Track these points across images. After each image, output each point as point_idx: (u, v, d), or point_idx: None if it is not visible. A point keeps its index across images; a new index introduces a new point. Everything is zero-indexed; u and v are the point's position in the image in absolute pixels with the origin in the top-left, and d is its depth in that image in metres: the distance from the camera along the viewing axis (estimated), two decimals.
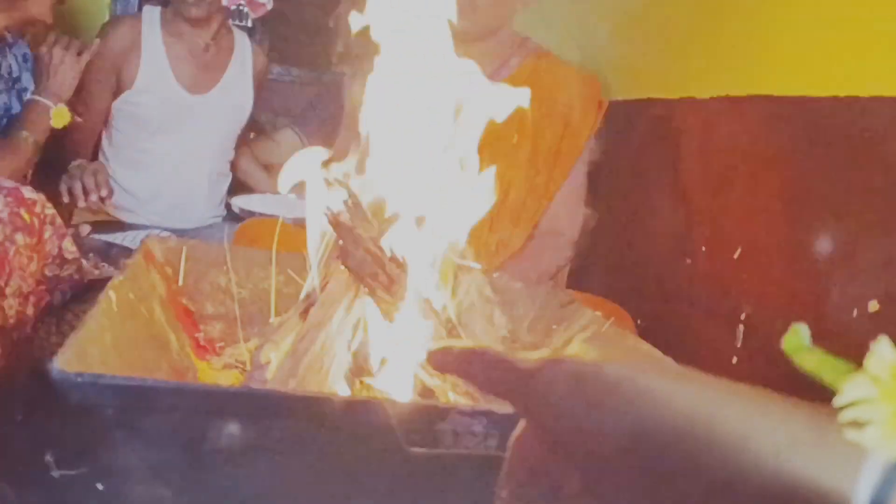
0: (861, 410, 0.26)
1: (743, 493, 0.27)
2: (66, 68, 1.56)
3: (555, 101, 1.50)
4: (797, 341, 0.30)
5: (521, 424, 0.37)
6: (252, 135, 2.33)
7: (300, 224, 0.91)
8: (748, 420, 0.28)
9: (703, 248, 1.37)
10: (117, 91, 1.93)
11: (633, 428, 0.30)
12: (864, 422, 0.25)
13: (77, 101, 1.82)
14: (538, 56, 1.55)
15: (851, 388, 0.26)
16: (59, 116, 1.53)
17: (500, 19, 1.49)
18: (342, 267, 0.82)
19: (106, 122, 1.97)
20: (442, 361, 0.40)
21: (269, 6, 2.05)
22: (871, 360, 0.26)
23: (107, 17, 2.71)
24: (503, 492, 0.38)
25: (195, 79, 1.98)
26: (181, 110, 1.97)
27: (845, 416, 0.26)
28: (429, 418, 0.64)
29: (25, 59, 1.57)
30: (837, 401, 0.26)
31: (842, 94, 1.08)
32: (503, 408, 0.73)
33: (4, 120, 1.56)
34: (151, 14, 1.95)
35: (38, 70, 1.57)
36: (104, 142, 2.00)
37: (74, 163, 1.64)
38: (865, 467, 0.25)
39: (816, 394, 0.29)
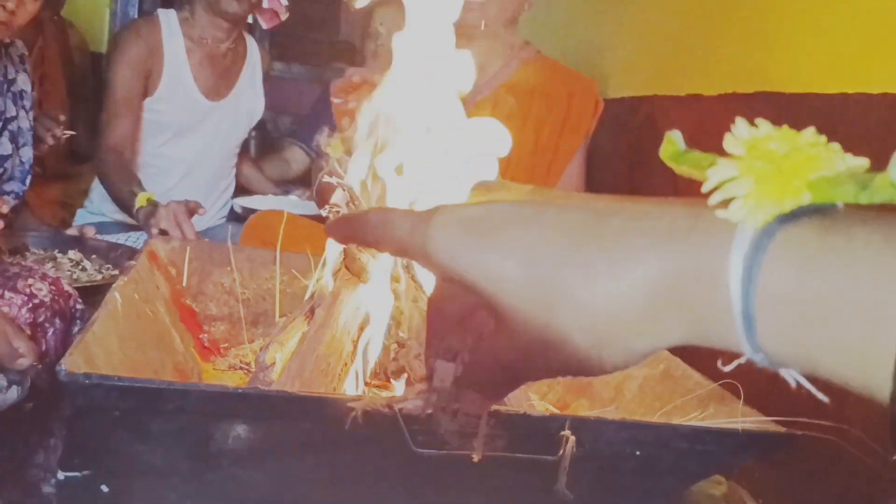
0: (726, 190, 0.27)
1: (631, 277, 0.28)
2: None
3: (553, 100, 1.52)
4: (673, 149, 0.30)
5: (435, 285, 0.37)
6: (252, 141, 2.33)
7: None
8: (635, 218, 0.29)
9: None
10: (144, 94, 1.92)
11: (525, 254, 0.31)
12: (730, 198, 0.27)
13: (111, 108, 1.82)
14: (537, 59, 1.57)
15: (715, 173, 0.27)
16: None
17: (508, 11, 1.49)
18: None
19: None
20: (341, 232, 0.40)
21: (283, 18, 2.04)
22: (728, 142, 0.27)
23: (107, 17, 2.69)
24: (430, 354, 0.38)
25: (213, 84, 1.98)
26: (198, 116, 1.97)
27: (714, 199, 0.27)
28: (436, 419, 0.64)
29: (22, 61, 1.56)
30: (705, 188, 0.27)
31: (850, 91, 1.08)
32: (509, 409, 0.72)
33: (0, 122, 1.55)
34: (168, 17, 1.93)
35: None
36: None
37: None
38: (736, 239, 0.26)
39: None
